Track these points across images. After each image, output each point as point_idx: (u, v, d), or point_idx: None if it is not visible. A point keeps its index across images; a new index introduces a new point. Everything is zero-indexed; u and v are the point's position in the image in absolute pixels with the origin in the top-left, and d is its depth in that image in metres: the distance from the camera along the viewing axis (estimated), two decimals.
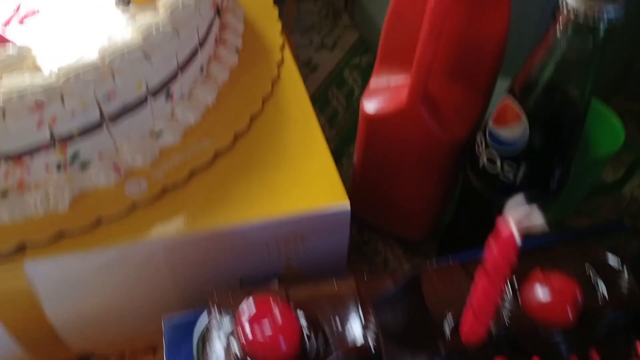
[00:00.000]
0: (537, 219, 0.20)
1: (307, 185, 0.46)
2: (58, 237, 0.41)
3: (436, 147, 0.50)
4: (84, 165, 0.43)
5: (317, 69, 0.83)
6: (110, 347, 0.52)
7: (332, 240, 0.47)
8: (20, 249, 0.40)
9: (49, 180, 0.42)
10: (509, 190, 0.46)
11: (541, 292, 0.31)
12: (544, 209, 0.23)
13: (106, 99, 0.41)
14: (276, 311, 0.28)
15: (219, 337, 0.29)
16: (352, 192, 0.63)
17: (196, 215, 0.43)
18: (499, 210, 0.51)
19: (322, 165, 0.48)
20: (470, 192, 0.50)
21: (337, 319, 0.31)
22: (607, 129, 0.58)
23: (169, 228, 0.42)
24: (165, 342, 0.39)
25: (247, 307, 0.28)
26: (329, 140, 0.74)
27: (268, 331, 0.27)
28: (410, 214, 0.55)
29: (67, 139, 0.41)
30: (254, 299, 0.29)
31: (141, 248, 0.42)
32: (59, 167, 0.42)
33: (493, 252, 0.24)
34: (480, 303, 0.26)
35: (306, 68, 0.83)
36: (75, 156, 0.42)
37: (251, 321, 0.28)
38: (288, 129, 0.50)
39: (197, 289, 0.46)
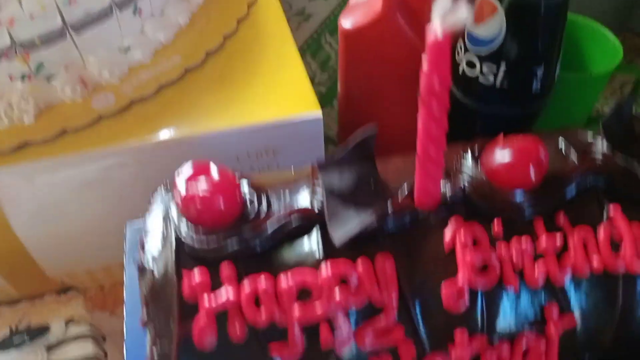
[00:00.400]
0: (462, 13, 0.18)
1: (278, 98, 0.45)
2: (22, 146, 0.41)
3: (415, 57, 0.47)
4: (50, 77, 0.42)
5: (311, 18, 0.81)
6: (89, 279, 0.52)
7: (306, 155, 0.45)
8: None
9: (13, 90, 0.41)
10: (489, 96, 0.44)
11: (502, 154, 0.29)
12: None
13: (66, 4, 0.40)
14: (214, 172, 0.27)
15: (159, 209, 0.28)
16: (339, 122, 0.62)
17: (164, 125, 0.42)
18: (479, 120, 0.49)
19: (295, 79, 0.46)
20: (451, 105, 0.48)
21: (287, 192, 0.30)
22: (604, 47, 0.55)
23: (135, 137, 0.42)
24: (125, 246, 0.38)
25: (185, 169, 0.27)
26: (320, 84, 0.73)
27: (204, 188, 0.26)
28: (396, 135, 0.53)
29: (29, 47, 0.41)
30: (192, 163, 0.28)
31: (106, 157, 0.41)
32: (23, 77, 0.42)
33: (425, 73, 0.22)
34: (425, 144, 0.24)
35: (300, 17, 0.82)
36: (39, 67, 0.42)
37: (188, 179, 0.26)
38: (262, 48, 0.49)
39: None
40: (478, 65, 0.43)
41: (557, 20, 0.41)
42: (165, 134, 0.42)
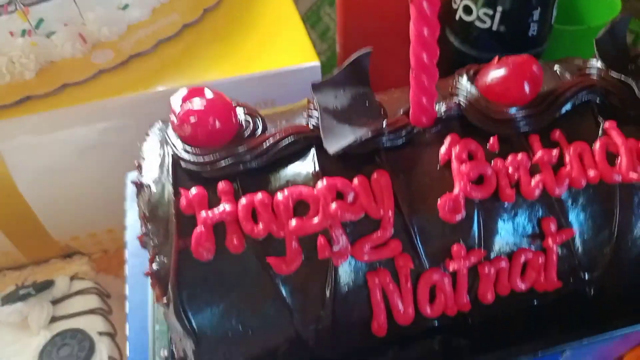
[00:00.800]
0: None
1: (276, 50, 0.45)
2: (24, 100, 0.41)
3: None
4: (50, 34, 0.43)
5: None
6: (93, 242, 0.52)
7: None
8: None
9: (14, 46, 0.42)
10: (485, 41, 0.44)
11: (497, 71, 0.29)
12: None
13: None
14: (209, 93, 0.27)
15: (156, 135, 0.28)
16: None
17: (162, 78, 0.43)
18: None
19: (292, 33, 0.46)
20: (448, 57, 0.48)
21: (283, 119, 0.30)
22: (602, 2, 0.55)
23: (134, 90, 0.42)
24: (126, 194, 0.38)
25: (180, 92, 0.27)
26: (320, 53, 0.73)
27: (198, 105, 0.26)
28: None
29: (29, 3, 0.41)
30: (187, 89, 0.28)
31: (106, 110, 0.42)
32: (23, 33, 0.42)
33: None
34: (418, 51, 0.24)
35: None
36: (39, 23, 0.42)
37: (183, 99, 0.26)
38: (259, 3, 0.49)
39: None
40: (475, 10, 0.43)
41: None
42: (163, 87, 0.42)
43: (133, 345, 0.29)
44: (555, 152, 0.26)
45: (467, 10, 0.43)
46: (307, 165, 0.26)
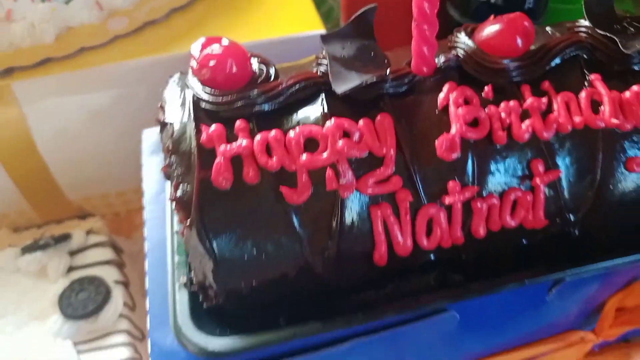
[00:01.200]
0: None
1: (284, 19, 0.47)
2: (44, 62, 0.43)
3: None
4: (68, 1, 0.45)
5: None
6: (105, 204, 0.54)
7: None
8: (9, 72, 0.43)
9: (35, 12, 0.44)
10: (484, 13, 0.46)
11: (492, 26, 0.31)
12: None
13: None
14: (225, 42, 0.29)
15: (176, 82, 0.31)
16: None
17: (174, 44, 0.45)
18: None
19: (300, 4, 0.49)
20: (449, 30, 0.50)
21: (293, 70, 0.32)
22: None
23: (148, 55, 0.44)
24: (142, 150, 0.40)
25: (200, 40, 0.30)
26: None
27: (216, 50, 0.28)
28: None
29: None
30: (206, 38, 0.30)
31: (121, 73, 0.44)
32: (43, 0, 0.44)
33: None
34: (420, 3, 0.27)
35: None
36: None
37: (202, 45, 0.29)
38: None
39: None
40: None
41: None
42: (174, 53, 0.45)
43: (152, 278, 0.32)
44: (544, 99, 0.29)
45: None
46: (316, 107, 0.28)
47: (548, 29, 0.33)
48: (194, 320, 0.27)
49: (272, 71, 0.30)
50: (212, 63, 0.27)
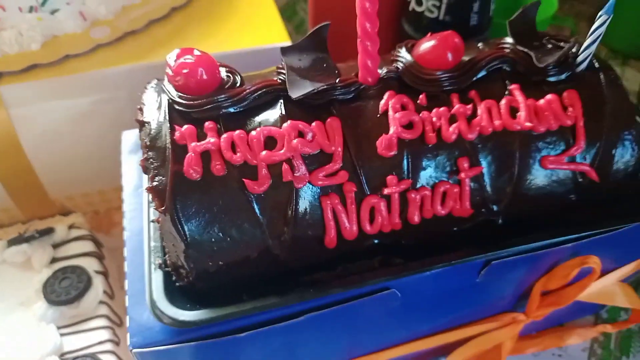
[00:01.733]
0: None
1: (253, 32, 0.52)
2: (31, 68, 0.47)
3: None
4: (54, 11, 0.49)
5: None
6: (86, 202, 0.58)
7: None
8: None
9: (22, 20, 0.47)
10: (433, 28, 0.51)
11: (428, 42, 0.36)
12: None
13: None
14: (197, 52, 0.34)
15: (153, 88, 0.35)
16: None
17: (153, 53, 0.49)
18: None
19: (268, 18, 0.53)
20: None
21: (257, 79, 0.36)
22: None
23: (128, 63, 0.48)
24: (122, 149, 0.44)
25: (174, 52, 0.34)
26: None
27: (189, 59, 0.32)
28: None
29: None
30: (180, 48, 0.34)
31: (103, 79, 0.48)
32: (31, 9, 0.48)
33: None
34: (362, 22, 0.31)
35: None
36: (45, 1, 0.48)
37: (177, 55, 0.33)
38: None
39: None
40: (424, 2, 0.50)
41: None
42: (153, 61, 0.49)
43: (130, 261, 0.35)
44: (469, 106, 0.34)
45: (419, 2, 0.51)
46: (275, 111, 0.33)
47: (480, 44, 0.38)
48: (167, 296, 0.31)
49: (238, 79, 0.34)
50: (185, 71, 0.32)
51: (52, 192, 0.55)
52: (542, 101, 0.35)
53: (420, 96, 0.34)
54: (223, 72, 0.34)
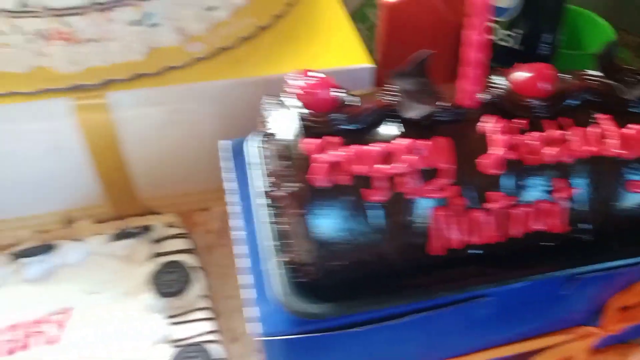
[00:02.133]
0: None
1: (335, 53, 0.55)
2: (136, 78, 0.50)
3: (447, 29, 0.58)
4: (154, 25, 0.53)
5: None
6: (170, 203, 0.61)
7: None
8: (106, 83, 0.50)
9: (128, 33, 0.51)
10: (506, 57, 0.54)
11: (523, 72, 0.39)
12: None
13: None
14: (320, 74, 0.37)
15: (276, 103, 0.38)
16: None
17: (244, 69, 0.53)
18: None
19: (348, 41, 0.57)
20: None
21: (369, 99, 0.40)
22: (598, 33, 0.67)
23: (221, 77, 0.52)
24: (221, 157, 0.47)
25: (297, 73, 0.37)
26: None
27: (315, 81, 0.36)
28: None
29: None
30: (303, 70, 0.38)
31: (199, 89, 0.51)
32: (135, 23, 0.52)
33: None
34: (467, 50, 0.35)
35: None
36: (147, 16, 0.52)
37: (299, 77, 0.36)
38: (319, 15, 0.60)
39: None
40: (499, 32, 0.54)
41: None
42: (242, 74, 0.52)
43: (244, 258, 0.38)
44: (565, 132, 0.37)
45: (493, 32, 0.54)
46: (390, 129, 0.36)
47: (565, 75, 0.42)
48: (294, 291, 0.34)
49: (355, 99, 0.37)
50: (312, 90, 0.35)
51: (142, 192, 0.58)
52: (631, 130, 0.38)
53: (521, 120, 0.37)
54: (339, 92, 0.38)
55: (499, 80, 0.39)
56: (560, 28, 0.54)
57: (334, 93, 0.36)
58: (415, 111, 0.36)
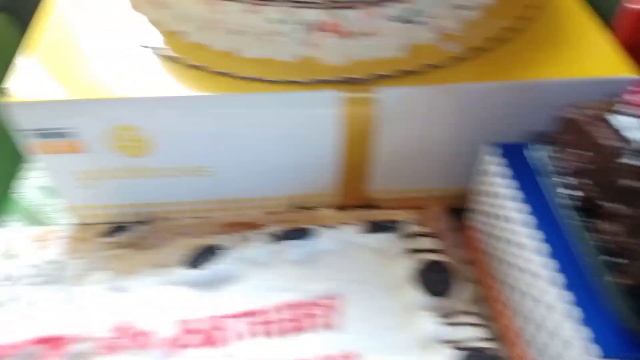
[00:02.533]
0: None
1: (591, 61, 0.53)
2: (398, 74, 0.51)
3: None
4: (417, 22, 0.53)
5: None
6: (391, 199, 0.61)
7: None
8: (373, 79, 0.51)
9: (393, 29, 0.52)
10: None
11: None
12: None
13: None
14: None
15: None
16: None
17: (499, 71, 0.52)
18: None
19: (605, 49, 0.54)
20: None
21: None
22: None
23: (478, 79, 0.51)
24: (488, 164, 0.47)
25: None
26: None
27: None
28: None
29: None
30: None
31: (456, 91, 0.51)
32: (400, 19, 0.52)
33: None
34: None
35: None
36: (413, 12, 0.52)
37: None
38: (567, 22, 0.58)
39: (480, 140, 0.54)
40: None
41: None
42: (499, 78, 0.51)
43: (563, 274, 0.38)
44: None
45: None
46: None
47: None
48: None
49: None
50: None
51: (370, 184, 0.59)
52: None
53: None
54: None
55: None
56: None
57: None
58: None
